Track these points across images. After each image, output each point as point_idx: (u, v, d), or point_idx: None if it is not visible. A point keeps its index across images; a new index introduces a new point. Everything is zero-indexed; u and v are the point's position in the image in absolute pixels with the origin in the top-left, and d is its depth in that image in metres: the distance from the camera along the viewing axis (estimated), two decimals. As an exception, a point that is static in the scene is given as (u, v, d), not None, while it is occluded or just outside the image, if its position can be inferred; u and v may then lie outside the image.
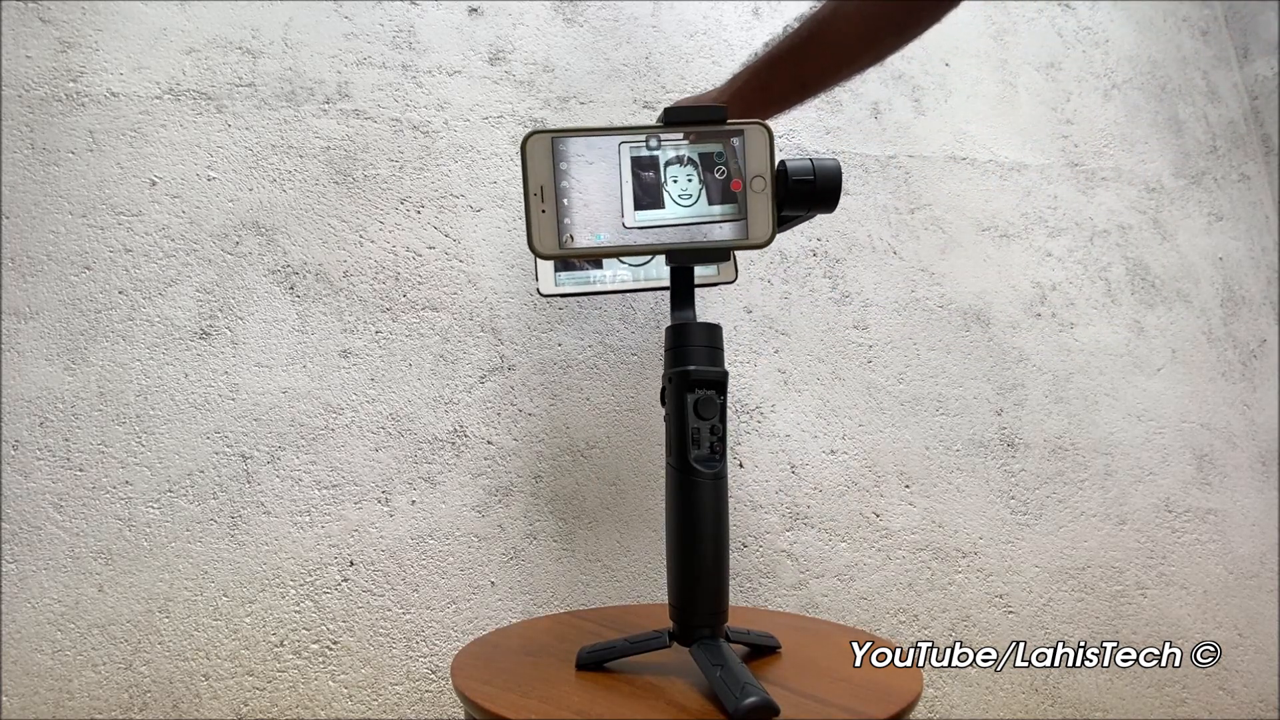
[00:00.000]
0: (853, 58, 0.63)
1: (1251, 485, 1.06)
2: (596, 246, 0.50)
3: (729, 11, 1.06)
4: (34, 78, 0.83)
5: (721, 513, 0.50)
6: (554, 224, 0.50)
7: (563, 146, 0.50)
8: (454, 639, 0.80)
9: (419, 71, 0.93)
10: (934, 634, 0.91)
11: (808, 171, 0.50)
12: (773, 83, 0.66)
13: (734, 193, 0.50)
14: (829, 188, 0.50)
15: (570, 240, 0.50)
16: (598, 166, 0.50)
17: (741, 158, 0.50)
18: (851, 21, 0.61)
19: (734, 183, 0.50)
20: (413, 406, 0.84)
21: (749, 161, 0.50)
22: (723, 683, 0.45)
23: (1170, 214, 1.16)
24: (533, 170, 0.49)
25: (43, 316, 0.78)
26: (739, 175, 0.50)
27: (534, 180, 0.49)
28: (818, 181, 0.50)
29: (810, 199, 0.50)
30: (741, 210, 0.50)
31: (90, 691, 0.72)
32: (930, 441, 0.97)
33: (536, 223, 0.49)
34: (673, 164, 0.50)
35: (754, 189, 0.50)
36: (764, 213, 0.50)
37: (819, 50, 0.63)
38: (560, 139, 0.50)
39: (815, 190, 0.50)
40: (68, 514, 0.75)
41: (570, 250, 0.50)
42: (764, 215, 0.50)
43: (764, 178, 0.49)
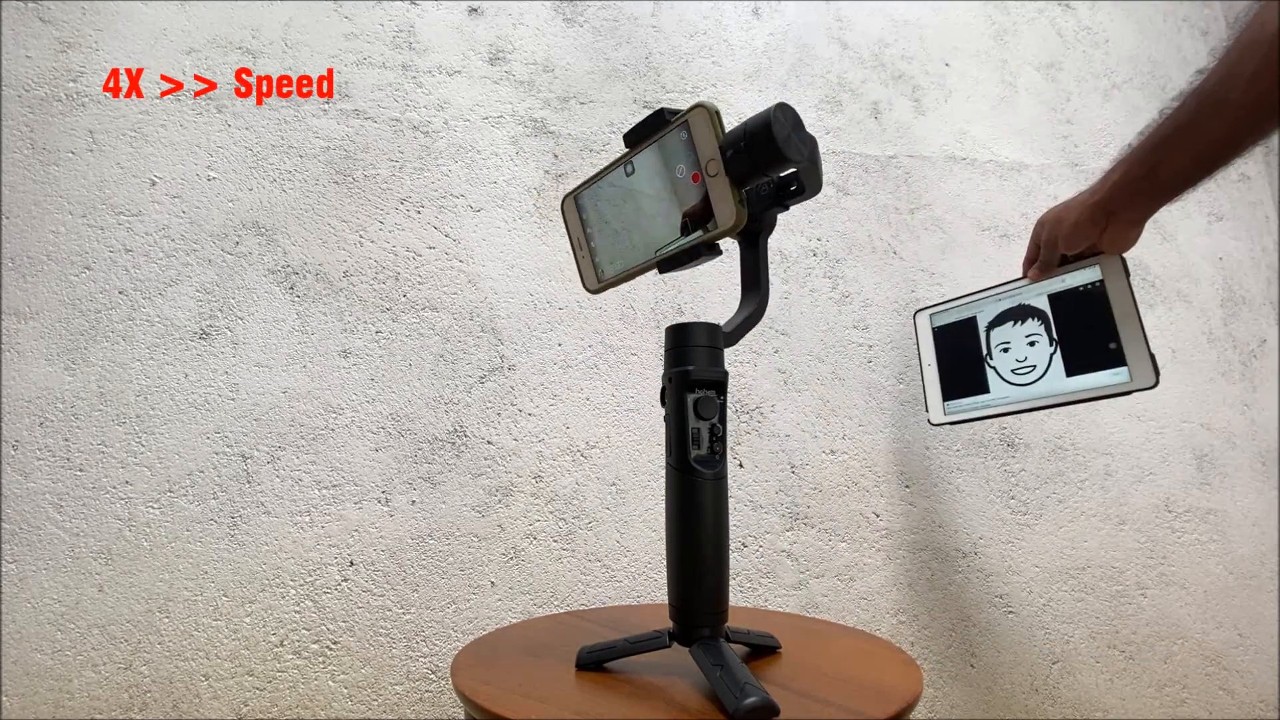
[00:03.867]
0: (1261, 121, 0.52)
1: (1251, 485, 1.06)
2: (618, 274, 0.55)
3: (729, 11, 1.06)
4: (34, 78, 0.83)
5: (721, 513, 0.50)
6: (590, 265, 0.58)
7: (580, 201, 0.58)
8: (454, 639, 0.79)
9: (419, 71, 0.93)
10: (934, 634, 0.91)
11: (740, 137, 0.46)
12: (1164, 164, 0.58)
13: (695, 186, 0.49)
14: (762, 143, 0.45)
15: (603, 273, 0.57)
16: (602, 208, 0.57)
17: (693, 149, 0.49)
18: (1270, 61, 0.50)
19: (694, 176, 0.49)
20: (413, 406, 0.84)
21: (699, 148, 0.48)
22: (723, 683, 0.45)
23: (1170, 214, 1.15)
24: (570, 226, 0.59)
25: (43, 316, 0.78)
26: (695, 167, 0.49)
27: (572, 234, 0.59)
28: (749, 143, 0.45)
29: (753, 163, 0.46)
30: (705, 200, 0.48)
31: (90, 691, 0.72)
32: (930, 441, 0.97)
33: (582, 267, 0.58)
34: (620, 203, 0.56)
35: (709, 174, 0.48)
36: (724, 196, 0.47)
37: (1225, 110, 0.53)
38: (577, 195, 0.58)
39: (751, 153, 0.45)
40: (68, 514, 0.75)
41: (605, 281, 0.57)
42: (725, 198, 0.47)
43: (716, 160, 0.47)
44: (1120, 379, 0.62)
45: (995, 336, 0.72)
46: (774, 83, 1.05)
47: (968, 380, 0.73)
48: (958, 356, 0.75)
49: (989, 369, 0.72)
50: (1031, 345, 0.68)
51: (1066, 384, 0.65)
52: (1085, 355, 0.64)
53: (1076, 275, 0.66)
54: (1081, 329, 0.65)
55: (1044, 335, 0.68)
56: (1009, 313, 0.72)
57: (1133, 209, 0.61)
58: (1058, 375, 0.66)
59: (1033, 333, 0.69)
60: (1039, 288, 0.69)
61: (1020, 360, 0.69)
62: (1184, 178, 0.58)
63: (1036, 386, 0.67)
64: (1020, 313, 0.70)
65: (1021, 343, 0.69)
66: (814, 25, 1.08)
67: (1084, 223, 0.63)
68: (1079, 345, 0.65)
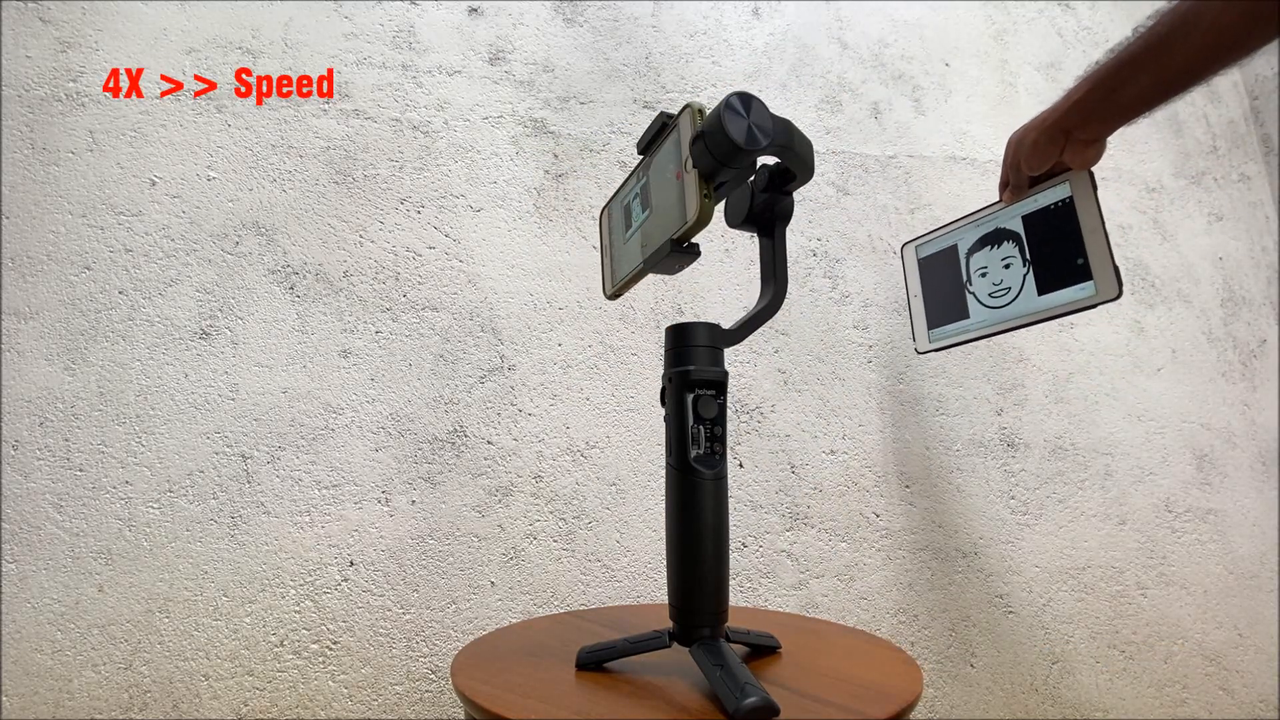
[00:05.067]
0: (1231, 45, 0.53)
1: (1251, 485, 1.06)
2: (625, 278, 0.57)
3: (729, 11, 1.06)
4: (34, 78, 0.83)
5: (721, 513, 0.50)
6: (610, 272, 0.60)
7: (611, 210, 0.61)
8: (454, 639, 0.79)
9: (419, 71, 0.93)
10: (934, 634, 0.91)
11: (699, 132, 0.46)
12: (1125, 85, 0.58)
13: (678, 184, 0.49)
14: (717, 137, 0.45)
15: (616, 278, 0.59)
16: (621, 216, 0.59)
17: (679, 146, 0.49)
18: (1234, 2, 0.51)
19: (677, 174, 0.49)
20: (413, 406, 0.84)
21: (683, 146, 0.48)
22: (723, 683, 0.45)
23: (1170, 214, 1.16)
24: (602, 236, 0.63)
25: (43, 316, 0.78)
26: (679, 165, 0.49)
27: (603, 241, 0.62)
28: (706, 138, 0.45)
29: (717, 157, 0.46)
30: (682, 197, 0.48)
31: (90, 691, 0.72)
32: (930, 441, 0.97)
33: (604, 275, 0.61)
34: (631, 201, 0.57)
35: (687, 169, 0.48)
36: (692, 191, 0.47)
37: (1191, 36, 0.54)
38: (609, 206, 0.61)
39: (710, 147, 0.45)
40: (68, 514, 0.75)
41: (617, 286, 0.58)
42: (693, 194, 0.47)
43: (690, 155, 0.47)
44: (1086, 293, 0.63)
45: (974, 262, 0.74)
46: (774, 83, 1.05)
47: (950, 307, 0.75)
48: (941, 285, 0.76)
49: (969, 295, 0.73)
50: (1007, 268, 0.70)
51: (1038, 302, 0.67)
52: (1055, 273, 0.66)
53: (1047, 194, 0.67)
54: (1052, 247, 0.67)
55: (1018, 257, 0.69)
56: (986, 238, 0.73)
57: (1088, 129, 0.62)
58: (1030, 295, 0.68)
59: (1008, 255, 0.70)
60: (1014, 210, 0.70)
61: (997, 284, 0.71)
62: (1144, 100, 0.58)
63: (1011, 308, 0.69)
64: (996, 237, 0.72)
65: (998, 266, 0.71)
66: (814, 25, 1.08)
67: (1042, 142, 0.64)
68: (1050, 264, 0.67)
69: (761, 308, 0.55)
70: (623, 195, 0.59)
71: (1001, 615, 0.94)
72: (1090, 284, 0.63)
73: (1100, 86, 0.60)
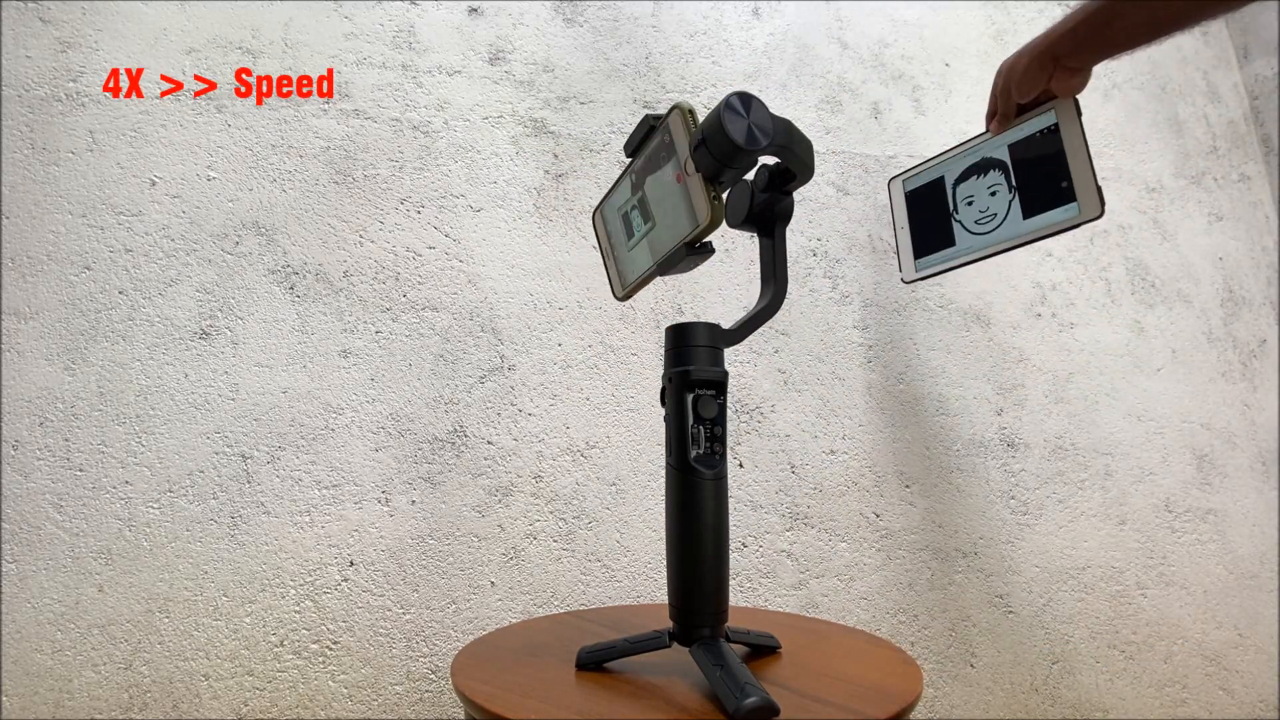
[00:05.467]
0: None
1: (1251, 485, 1.06)
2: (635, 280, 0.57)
3: (729, 11, 1.06)
4: (34, 78, 0.83)
5: (721, 513, 0.50)
6: (616, 274, 0.59)
7: (604, 213, 0.61)
8: (454, 639, 0.79)
9: (419, 71, 0.93)
10: (934, 634, 0.91)
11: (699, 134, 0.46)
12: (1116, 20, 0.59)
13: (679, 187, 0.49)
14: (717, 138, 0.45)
15: (626, 280, 0.58)
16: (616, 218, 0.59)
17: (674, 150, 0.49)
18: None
19: (677, 177, 0.49)
20: (413, 406, 0.84)
21: (679, 151, 0.48)
22: (723, 683, 0.45)
23: (1170, 214, 1.16)
24: (599, 238, 0.62)
25: (43, 316, 0.78)
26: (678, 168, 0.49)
27: (601, 245, 0.61)
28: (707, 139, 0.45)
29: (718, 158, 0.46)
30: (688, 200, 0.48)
31: (90, 691, 0.72)
32: (930, 441, 0.97)
33: (610, 277, 0.61)
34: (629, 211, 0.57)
35: (688, 172, 0.48)
36: (699, 195, 0.47)
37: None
38: (602, 208, 0.61)
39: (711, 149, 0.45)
40: (68, 514, 0.75)
41: (628, 288, 0.58)
42: (700, 197, 0.47)
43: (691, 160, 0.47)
44: (1070, 214, 0.65)
45: (961, 192, 0.75)
46: (774, 83, 1.05)
47: (936, 236, 0.77)
48: (927, 216, 0.78)
49: (955, 224, 0.75)
50: (993, 195, 0.72)
51: (1023, 225, 0.69)
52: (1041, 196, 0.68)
53: (1033, 122, 0.69)
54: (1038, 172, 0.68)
55: (1004, 184, 0.71)
56: (973, 167, 0.75)
57: (1077, 57, 0.63)
58: (1016, 219, 0.70)
59: (994, 183, 0.72)
60: (1001, 139, 0.72)
61: (984, 211, 0.72)
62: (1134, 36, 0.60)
63: (997, 233, 0.71)
64: (983, 166, 0.74)
65: (984, 194, 0.73)
66: (814, 25, 1.08)
67: (1033, 68, 0.65)
68: (1035, 187, 0.68)
69: (762, 307, 0.55)
70: (617, 199, 0.59)
71: (1001, 615, 0.94)
72: (1074, 205, 0.65)
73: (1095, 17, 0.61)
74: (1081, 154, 0.65)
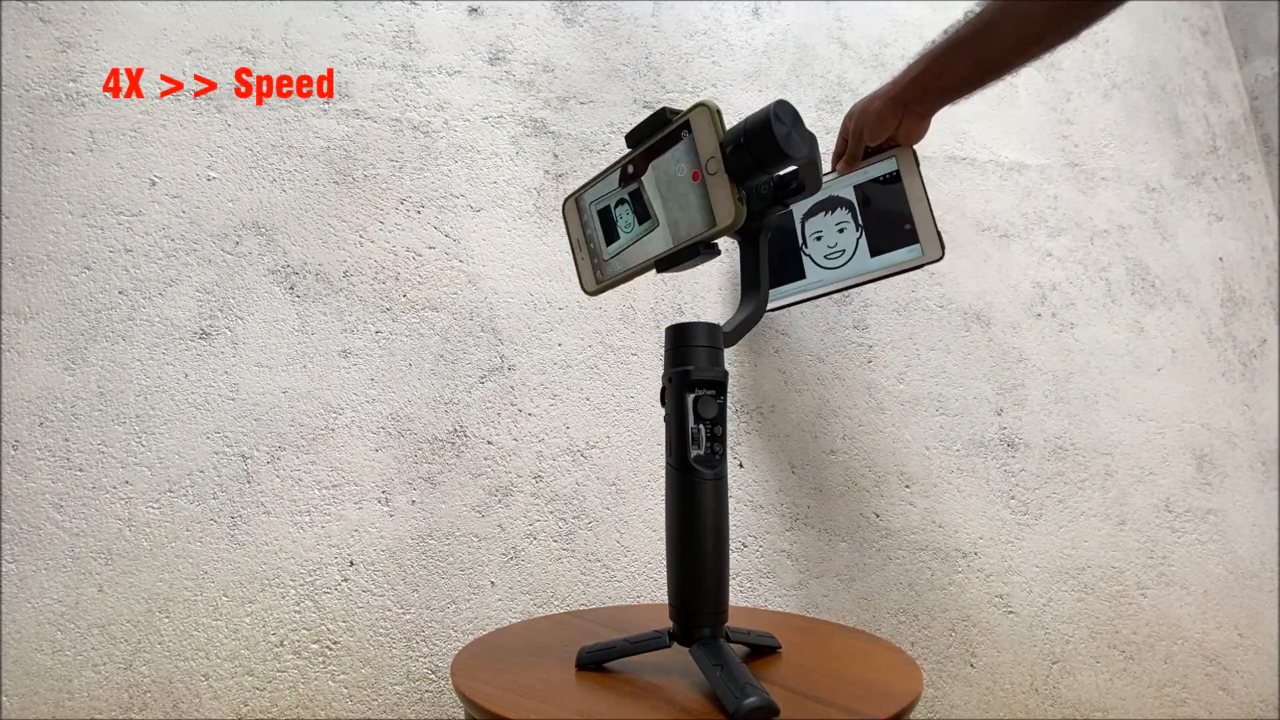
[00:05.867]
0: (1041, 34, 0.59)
1: (1251, 485, 1.06)
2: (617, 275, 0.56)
3: (729, 11, 1.06)
4: (34, 78, 0.83)
5: (721, 513, 0.50)
6: (590, 266, 0.58)
7: (581, 202, 0.58)
8: (454, 639, 0.79)
9: (419, 71, 0.93)
10: (934, 634, 0.91)
11: (739, 135, 0.46)
12: (951, 67, 0.64)
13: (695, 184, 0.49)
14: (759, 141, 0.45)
15: (602, 275, 0.57)
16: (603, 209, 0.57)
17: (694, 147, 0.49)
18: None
19: (694, 174, 0.49)
20: (413, 406, 0.84)
21: (700, 146, 0.48)
22: (723, 683, 0.45)
23: (1170, 214, 1.16)
24: (571, 228, 0.60)
25: (43, 316, 0.78)
26: (695, 166, 0.49)
27: (572, 235, 0.59)
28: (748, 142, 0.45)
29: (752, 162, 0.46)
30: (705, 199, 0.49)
31: (90, 691, 0.72)
32: (930, 441, 0.97)
33: (581, 269, 0.59)
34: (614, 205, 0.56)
35: (709, 171, 0.48)
36: (723, 194, 0.47)
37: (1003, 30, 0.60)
38: (578, 196, 0.59)
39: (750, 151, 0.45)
40: (68, 514, 0.75)
41: (604, 282, 0.57)
42: (724, 197, 0.47)
43: (716, 158, 0.47)
44: (914, 254, 0.70)
45: (809, 226, 0.79)
46: (774, 83, 1.05)
47: (788, 269, 0.80)
48: (778, 249, 0.81)
49: (805, 257, 0.79)
50: (841, 232, 0.76)
51: (871, 263, 0.73)
52: (886, 237, 0.73)
53: (876, 167, 0.74)
54: (882, 214, 0.73)
55: (851, 222, 0.76)
56: (821, 204, 0.78)
57: (923, 104, 0.68)
58: (864, 256, 0.74)
59: (842, 221, 0.76)
60: (846, 180, 0.76)
61: (832, 246, 0.77)
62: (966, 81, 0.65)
63: (846, 268, 0.75)
64: (830, 203, 0.78)
65: (832, 230, 0.77)
66: (814, 25, 1.08)
67: (885, 113, 0.69)
68: (880, 228, 0.73)
69: (750, 313, 0.55)
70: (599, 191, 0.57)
71: (1001, 615, 0.94)
72: (917, 246, 0.70)
73: (933, 66, 0.65)
74: (922, 201, 0.70)
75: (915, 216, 0.70)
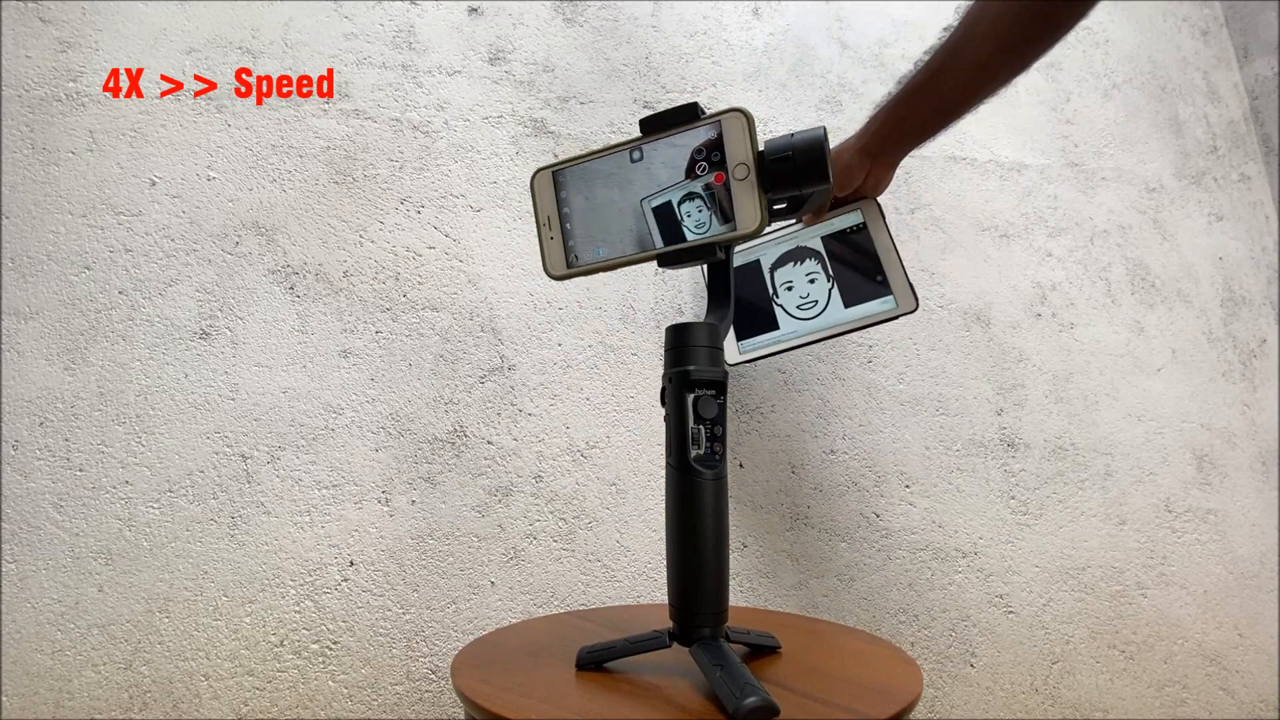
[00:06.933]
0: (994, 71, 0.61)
1: (1251, 485, 1.06)
2: (598, 262, 0.53)
3: (729, 11, 1.06)
4: (34, 78, 0.83)
5: (721, 513, 0.50)
6: (560, 247, 0.55)
7: (561, 178, 0.55)
8: (454, 639, 0.80)
9: (419, 71, 0.93)
10: (934, 634, 0.91)
11: (785, 148, 0.47)
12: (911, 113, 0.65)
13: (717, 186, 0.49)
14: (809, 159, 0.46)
15: (576, 260, 0.54)
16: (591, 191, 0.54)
17: (722, 149, 0.49)
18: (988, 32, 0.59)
19: (717, 176, 0.49)
20: (413, 406, 0.84)
21: (730, 151, 0.49)
22: (723, 683, 0.45)
23: (1170, 214, 1.16)
24: (541, 203, 0.55)
25: (43, 316, 0.78)
26: (720, 168, 0.49)
27: (542, 212, 0.55)
28: (796, 156, 0.47)
29: (794, 176, 0.47)
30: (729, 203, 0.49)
31: (90, 691, 0.72)
32: (930, 441, 0.97)
33: (547, 249, 0.55)
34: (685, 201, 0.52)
35: (736, 177, 0.48)
36: (750, 201, 0.47)
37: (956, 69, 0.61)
38: (556, 171, 0.55)
39: (796, 166, 0.47)
40: (68, 514, 0.75)
41: (576, 268, 0.54)
42: (750, 203, 0.47)
43: (746, 164, 0.47)
44: (888, 306, 0.69)
45: (779, 277, 0.78)
46: (774, 83, 1.05)
47: (759, 319, 0.79)
48: (748, 298, 0.80)
49: (777, 307, 0.77)
50: (812, 282, 0.75)
51: (845, 314, 0.72)
52: (858, 288, 0.72)
53: (842, 219, 0.73)
54: (852, 265, 0.73)
55: (821, 273, 0.75)
56: (789, 254, 0.78)
57: (888, 153, 0.68)
58: (837, 307, 0.73)
59: (812, 271, 0.75)
60: (813, 231, 0.75)
61: (804, 297, 0.76)
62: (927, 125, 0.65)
63: (820, 319, 0.74)
64: (799, 254, 0.77)
65: (803, 280, 0.76)
66: (814, 25, 1.08)
67: (852, 165, 0.69)
68: (852, 279, 0.73)
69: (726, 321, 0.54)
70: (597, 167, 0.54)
71: (1001, 615, 0.94)
72: (890, 297, 0.70)
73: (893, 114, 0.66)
74: (891, 252, 0.70)
75: (886, 269, 0.70)
